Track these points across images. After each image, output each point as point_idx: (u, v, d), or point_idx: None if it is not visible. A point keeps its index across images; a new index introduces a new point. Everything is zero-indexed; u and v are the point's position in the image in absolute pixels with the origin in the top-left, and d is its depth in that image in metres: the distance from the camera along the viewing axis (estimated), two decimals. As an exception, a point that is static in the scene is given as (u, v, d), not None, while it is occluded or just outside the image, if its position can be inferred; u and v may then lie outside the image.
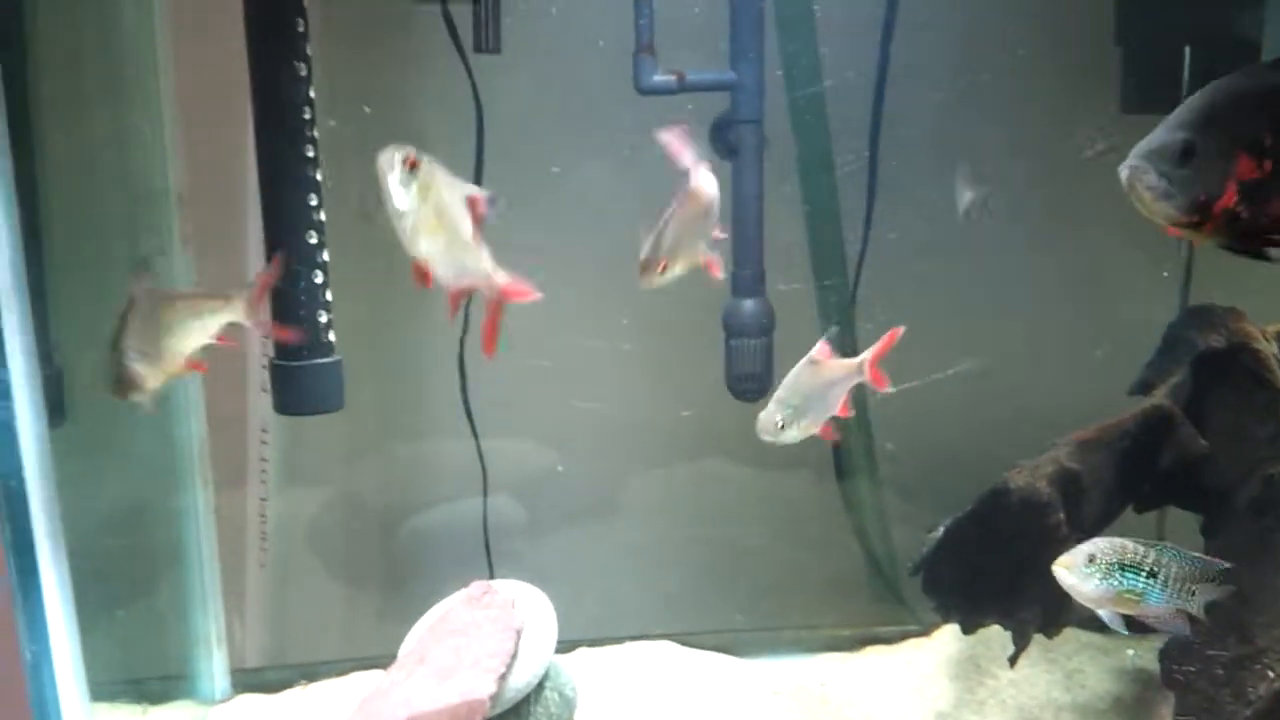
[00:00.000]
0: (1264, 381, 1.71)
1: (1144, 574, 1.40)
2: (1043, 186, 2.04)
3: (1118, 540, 1.42)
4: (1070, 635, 1.93)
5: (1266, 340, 1.76)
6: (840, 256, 1.95)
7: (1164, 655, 1.77)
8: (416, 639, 1.64)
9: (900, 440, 2.04)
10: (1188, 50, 1.86)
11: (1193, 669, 1.67)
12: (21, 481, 1.16)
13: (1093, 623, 1.97)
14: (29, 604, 1.18)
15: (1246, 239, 1.22)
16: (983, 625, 1.71)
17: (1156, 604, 1.40)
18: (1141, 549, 1.40)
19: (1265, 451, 1.68)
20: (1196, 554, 1.42)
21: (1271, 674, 1.53)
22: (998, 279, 2.02)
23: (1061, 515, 1.58)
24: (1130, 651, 1.91)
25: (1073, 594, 1.41)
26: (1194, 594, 1.41)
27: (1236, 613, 1.65)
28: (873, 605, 2.09)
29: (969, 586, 1.67)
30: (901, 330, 1.45)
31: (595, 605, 1.94)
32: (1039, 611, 1.64)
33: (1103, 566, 1.39)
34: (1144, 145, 1.22)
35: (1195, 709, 1.64)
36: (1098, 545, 1.41)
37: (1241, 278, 1.93)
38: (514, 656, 1.52)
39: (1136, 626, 1.45)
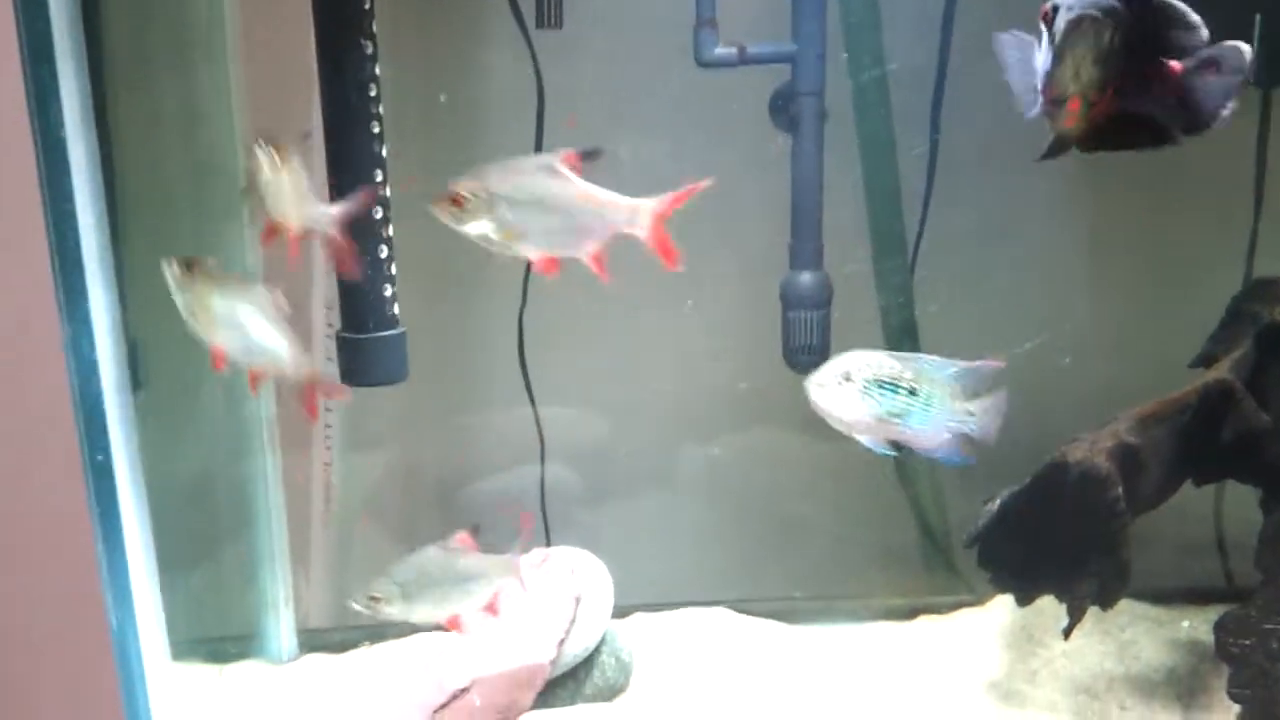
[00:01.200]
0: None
1: (904, 391, 1.23)
2: (1105, 163, 2.02)
3: (875, 354, 1.26)
4: (1124, 606, 1.93)
5: (1332, 313, 1.75)
6: (901, 237, 1.94)
7: (1219, 627, 1.77)
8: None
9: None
10: (1258, 18, 1.82)
11: (1248, 642, 1.67)
12: (109, 457, 1.20)
13: (1147, 594, 2.00)
14: (115, 575, 1.22)
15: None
16: (1037, 598, 1.72)
17: (921, 426, 1.25)
18: (899, 363, 1.24)
19: (1328, 426, 1.68)
20: (967, 363, 1.26)
21: (1322, 646, 1.53)
22: (1058, 256, 2.02)
23: (1120, 490, 1.58)
24: (1185, 623, 1.91)
25: (827, 418, 1.28)
26: (970, 414, 1.25)
27: (1295, 587, 1.66)
28: (927, 576, 2.10)
29: (1025, 559, 1.68)
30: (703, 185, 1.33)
31: (651, 573, 1.97)
32: (1095, 585, 1.65)
33: (859, 384, 1.24)
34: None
35: (1248, 682, 1.64)
36: (853, 360, 1.25)
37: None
38: (573, 622, 1.55)
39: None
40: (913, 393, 1.24)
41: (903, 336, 1.98)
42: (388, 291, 1.56)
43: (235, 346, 1.32)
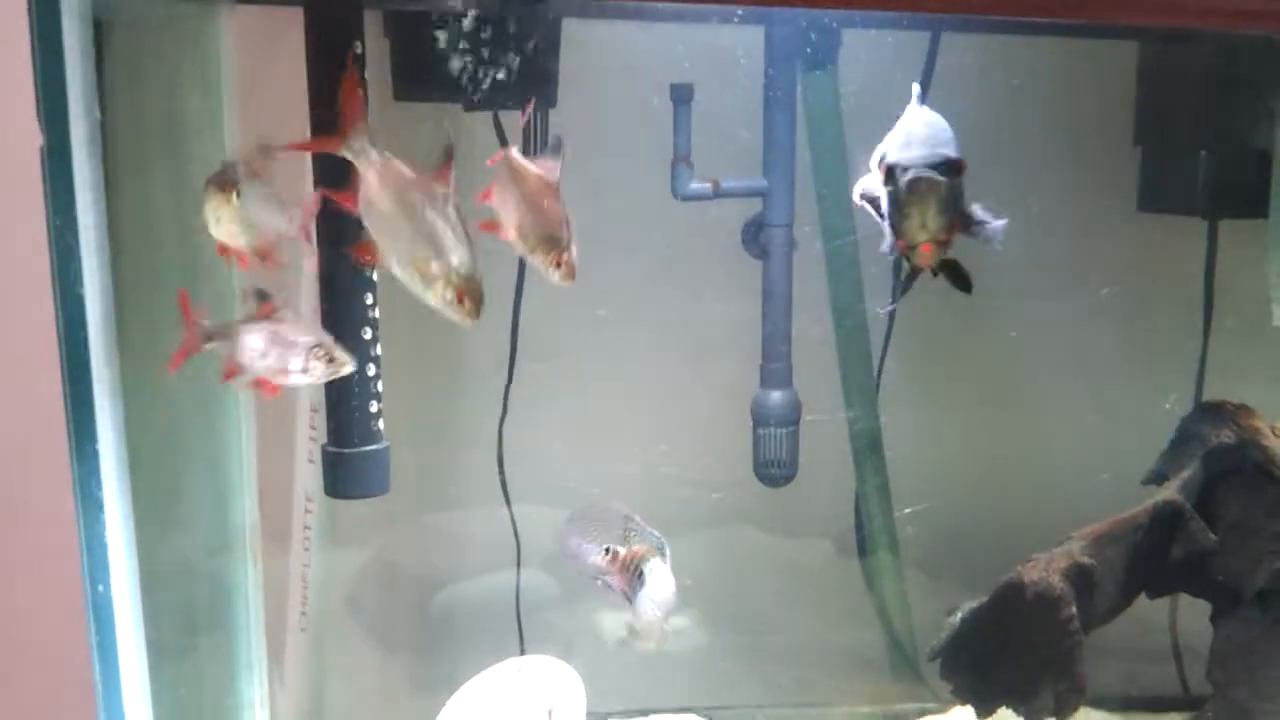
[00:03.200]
0: (1273, 477, 1.78)
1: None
2: (1064, 284, 2.12)
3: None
4: (1083, 715, 1.99)
5: (1276, 436, 1.84)
6: (866, 356, 2.03)
7: (1174, 740, 1.83)
8: (452, 713, 1.72)
9: (921, 518, 2.10)
10: (1202, 155, 1.94)
11: (1204, 756, 1.74)
12: (109, 588, 1.25)
13: (1106, 702, 2.06)
14: (107, 685, 1.26)
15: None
16: (997, 709, 1.77)
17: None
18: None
19: (1273, 545, 1.76)
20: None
21: (1279, 764, 1.60)
22: (1018, 374, 2.12)
23: (1074, 609, 1.65)
24: (1143, 733, 1.98)
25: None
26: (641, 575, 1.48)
27: (1245, 699, 1.73)
28: (893, 682, 2.15)
29: (985, 673, 1.74)
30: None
31: (623, 679, 2.01)
32: (1051, 699, 1.71)
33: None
34: (918, 158, 1.38)
35: (1205, 796, 1.71)
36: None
37: (1253, 374, 2.03)
38: (547, 735, 1.59)
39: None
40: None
41: (870, 451, 2.06)
42: (374, 408, 1.62)
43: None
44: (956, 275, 1.49)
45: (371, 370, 1.61)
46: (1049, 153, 2.06)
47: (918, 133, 1.42)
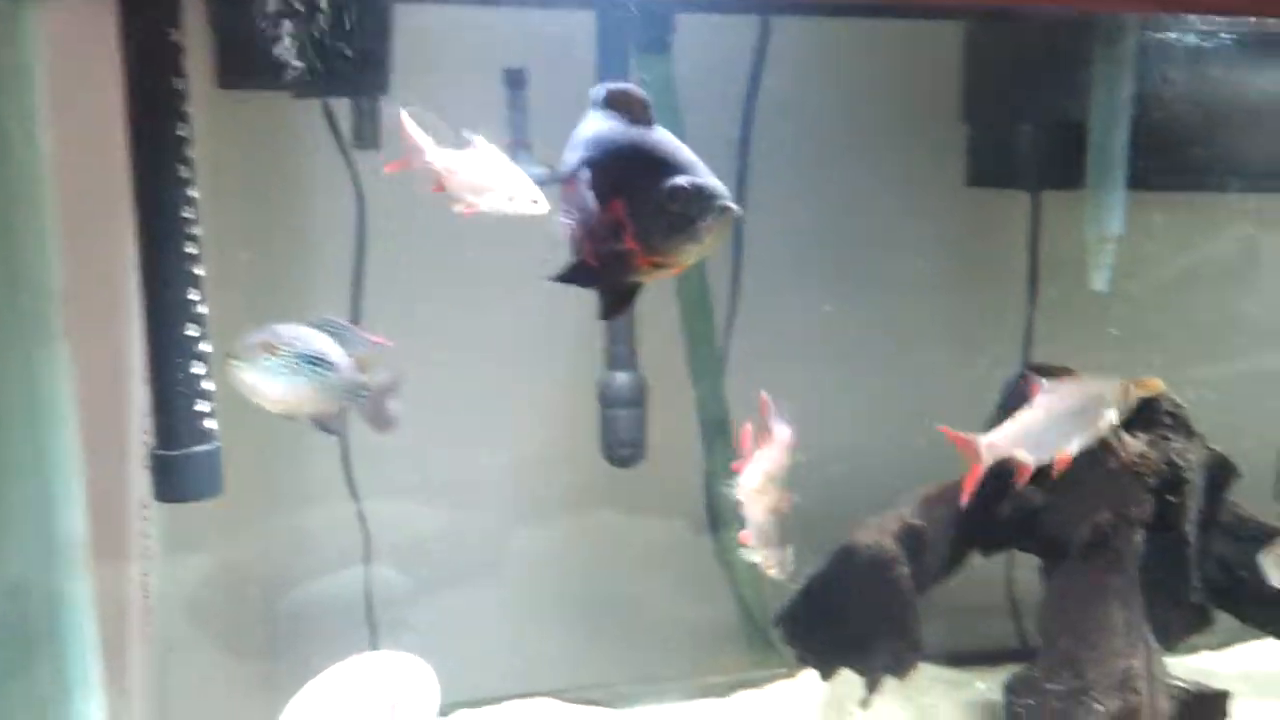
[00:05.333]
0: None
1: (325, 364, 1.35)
2: (897, 255, 2.19)
3: (294, 328, 1.36)
4: (925, 671, 2.07)
5: (1095, 396, 1.94)
6: (710, 337, 2.06)
7: (1007, 688, 1.92)
8: (295, 713, 1.69)
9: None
10: (1024, 129, 2.03)
11: (1032, 702, 1.82)
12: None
13: (946, 658, 2.15)
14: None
15: None
16: (838, 671, 1.83)
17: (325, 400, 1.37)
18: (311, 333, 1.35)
19: (1097, 499, 1.85)
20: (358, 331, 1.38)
21: (1100, 707, 1.68)
22: (856, 346, 2.18)
23: (906, 570, 1.71)
24: (980, 684, 2.07)
25: (251, 394, 1.36)
26: (364, 393, 1.38)
27: (1073, 648, 1.82)
28: (748, 651, 2.20)
29: (825, 636, 1.80)
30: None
31: (478, 666, 2.01)
32: (889, 657, 1.77)
33: (288, 359, 1.35)
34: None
35: (1034, 740, 1.80)
36: (276, 334, 1.34)
37: (1075, 337, 2.14)
38: (389, 732, 1.58)
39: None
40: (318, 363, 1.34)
41: (717, 431, 2.10)
42: (202, 407, 1.57)
43: None
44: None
45: (198, 368, 1.57)
46: (881, 132, 2.13)
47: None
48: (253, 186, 1.89)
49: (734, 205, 1.09)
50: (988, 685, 2.05)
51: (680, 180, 1.11)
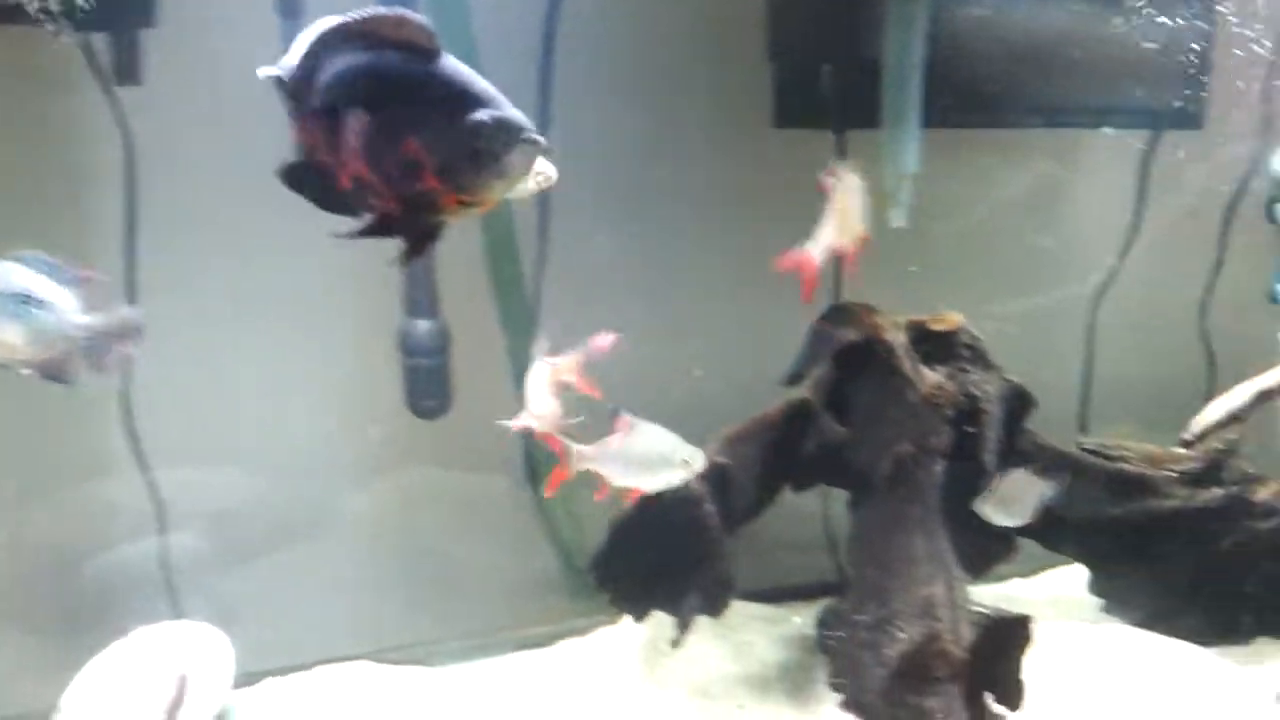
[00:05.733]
0: (894, 369, 1.90)
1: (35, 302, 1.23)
2: (707, 197, 2.17)
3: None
4: (741, 609, 2.09)
5: (897, 330, 1.97)
6: (519, 282, 2.01)
7: (818, 622, 1.95)
8: (78, 690, 1.59)
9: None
10: (826, 69, 2.03)
11: (842, 634, 1.85)
12: None
13: (763, 594, 2.17)
14: None
15: None
16: (651, 613, 1.83)
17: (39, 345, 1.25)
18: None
19: (897, 431, 1.88)
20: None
21: (903, 635, 1.71)
22: (667, 287, 2.15)
23: (713, 508, 1.71)
24: (797, 619, 2.09)
25: None
26: (87, 336, 1.27)
27: (878, 579, 1.85)
28: (570, 600, 2.18)
29: (636, 579, 1.79)
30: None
31: (291, 633, 1.93)
32: (699, 597, 1.78)
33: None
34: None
35: (843, 671, 1.82)
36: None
37: (883, 275, 2.16)
38: (176, 703, 1.50)
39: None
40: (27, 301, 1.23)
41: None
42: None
43: None
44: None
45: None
46: (688, 71, 2.10)
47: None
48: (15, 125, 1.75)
49: (540, 138, 1.04)
50: (804, 620, 2.08)
51: (482, 114, 1.05)
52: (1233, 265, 2.32)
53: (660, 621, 1.93)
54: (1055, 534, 2.07)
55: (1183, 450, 2.00)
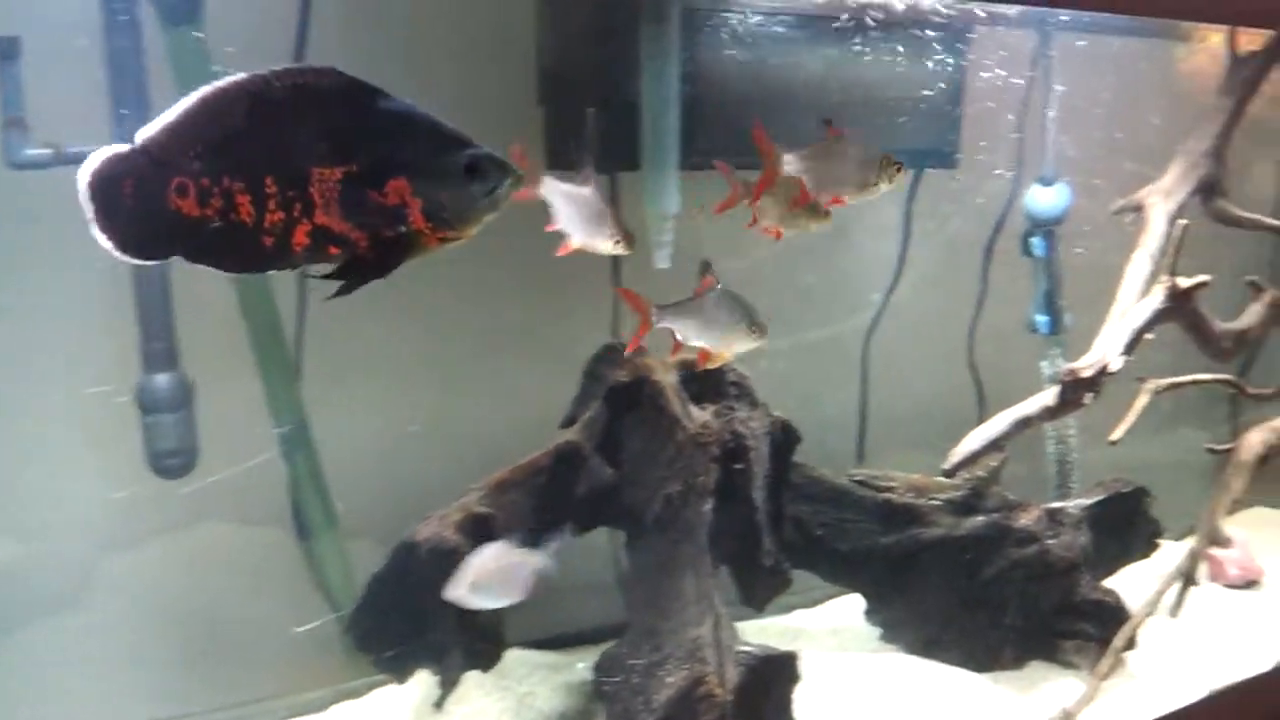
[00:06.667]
0: (663, 409, 1.90)
1: None
2: (481, 242, 2.13)
3: None
4: (523, 659, 2.06)
5: (667, 371, 1.97)
6: (278, 331, 1.92)
7: (596, 667, 1.92)
8: None
9: (360, 494, 2.05)
10: (590, 111, 2.03)
11: (618, 679, 1.82)
12: None
13: (550, 641, 2.13)
14: None
15: None
16: (414, 673, 1.77)
17: None
18: None
19: (667, 472, 1.87)
20: None
21: (671, 679, 1.70)
22: (437, 330, 2.10)
23: (471, 560, 1.66)
24: (580, 665, 2.06)
25: None
26: None
27: (652, 621, 1.83)
28: (347, 659, 2.09)
29: (396, 638, 1.73)
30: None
31: (49, 712, 1.79)
32: (463, 653, 1.73)
33: None
34: None
35: (618, 718, 1.80)
36: None
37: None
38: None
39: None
40: None
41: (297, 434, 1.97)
42: None
43: None
44: None
45: None
46: (458, 115, 2.06)
47: None
48: None
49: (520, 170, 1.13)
50: (587, 665, 2.04)
51: (475, 152, 1.11)
52: (995, 298, 2.42)
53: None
54: (830, 564, 2.11)
55: (947, 479, 2.05)
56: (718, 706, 1.64)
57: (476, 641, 1.72)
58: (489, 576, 1.55)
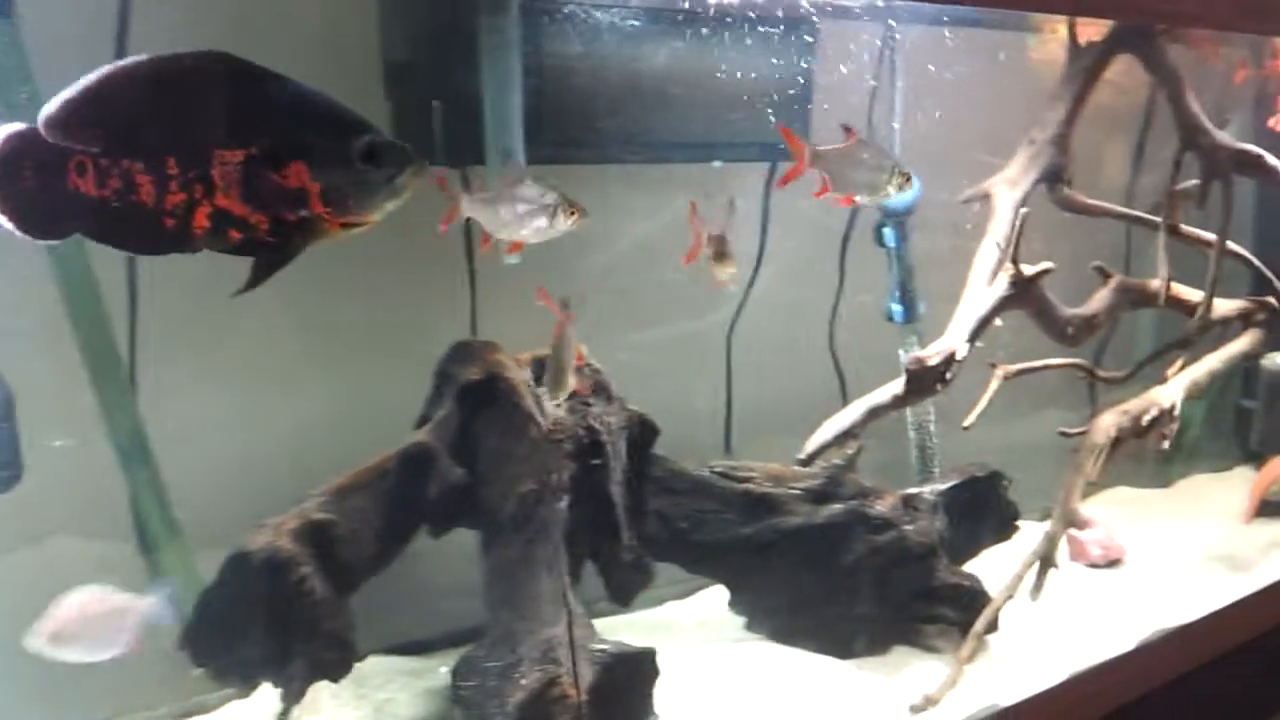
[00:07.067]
0: (516, 406, 1.88)
1: None
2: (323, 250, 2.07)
3: None
4: (382, 665, 2.01)
5: (521, 367, 1.94)
6: (108, 337, 1.84)
7: (454, 672, 1.88)
8: None
9: (206, 503, 1.98)
10: (435, 105, 1.98)
11: (474, 683, 1.79)
12: None
13: (411, 647, 2.09)
14: None
15: None
16: (258, 686, 1.71)
17: None
18: None
19: (521, 469, 1.85)
20: None
21: (525, 681, 1.67)
22: (288, 328, 2.04)
23: (308, 569, 1.62)
24: (443, 669, 2.02)
25: None
26: None
27: (509, 622, 1.80)
28: (198, 674, 2.02)
29: (235, 651, 1.67)
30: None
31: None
32: (308, 663, 1.67)
33: None
34: None
35: (474, 723, 1.77)
36: None
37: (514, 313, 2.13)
38: None
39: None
40: None
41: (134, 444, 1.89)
42: None
43: None
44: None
45: None
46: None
47: None
48: None
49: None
50: (449, 669, 2.00)
51: (376, 137, 1.11)
52: (856, 287, 2.44)
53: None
54: (693, 556, 2.11)
55: (804, 468, 2.07)
56: (571, 708, 1.63)
57: (322, 650, 1.66)
58: (75, 625, 1.41)
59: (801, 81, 2.13)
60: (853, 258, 2.46)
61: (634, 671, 1.76)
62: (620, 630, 2.13)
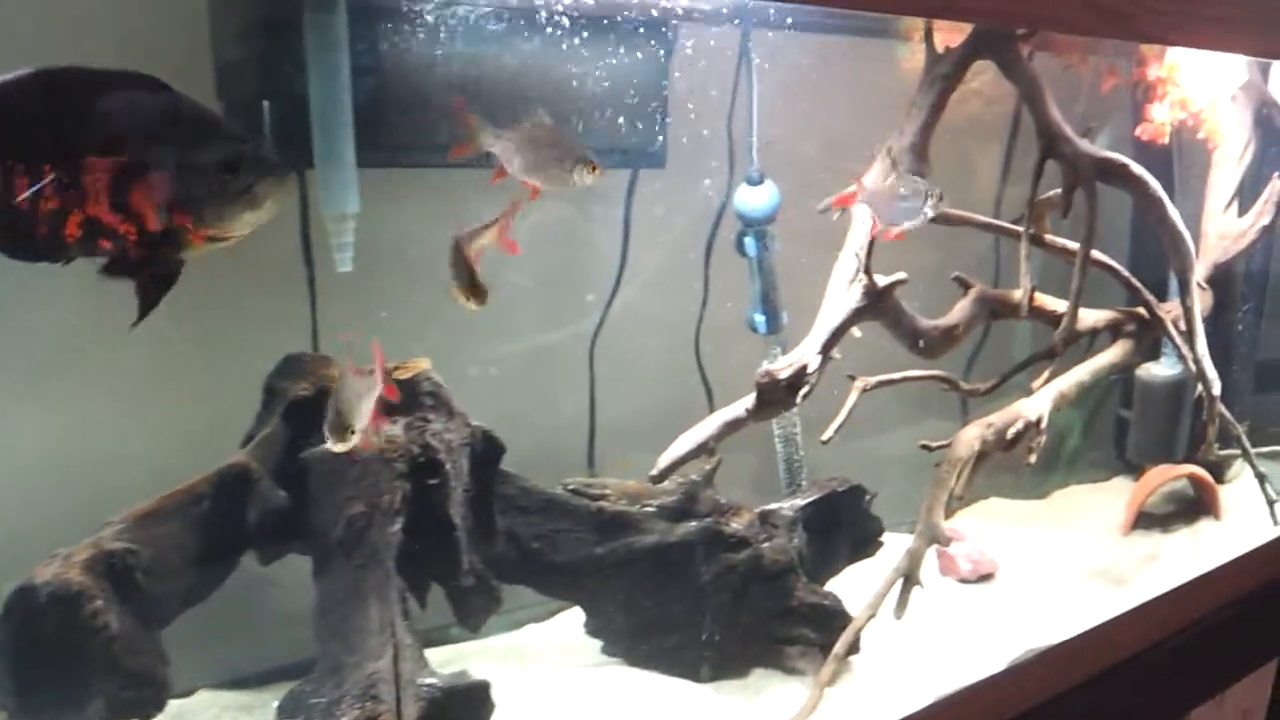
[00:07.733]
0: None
1: None
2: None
3: None
4: (212, 700, 1.89)
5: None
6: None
7: (279, 708, 1.78)
8: None
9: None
10: (265, 105, 1.88)
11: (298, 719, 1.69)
12: None
13: (241, 682, 1.98)
14: None
15: None
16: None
17: None
18: None
19: (351, 492, 1.75)
20: None
21: (344, 719, 1.57)
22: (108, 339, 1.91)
23: (100, 603, 1.50)
24: (275, 704, 1.91)
25: None
26: None
27: (337, 655, 1.70)
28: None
29: (26, 691, 1.54)
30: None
31: None
32: (107, 703, 1.56)
33: None
34: None
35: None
36: None
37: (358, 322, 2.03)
38: None
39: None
40: None
41: None
42: None
43: None
44: None
45: None
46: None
47: None
48: None
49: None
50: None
51: (237, 147, 1.09)
52: (720, 297, 2.39)
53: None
54: (547, 578, 2.02)
55: (660, 485, 2.00)
56: (393, 746, 1.54)
57: (123, 689, 1.55)
58: None
59: (658, 86, 2.07)
60: (720, 267, 2.40)
61: (466, 706, 1.67)
62: (473, 656, 2.06)
